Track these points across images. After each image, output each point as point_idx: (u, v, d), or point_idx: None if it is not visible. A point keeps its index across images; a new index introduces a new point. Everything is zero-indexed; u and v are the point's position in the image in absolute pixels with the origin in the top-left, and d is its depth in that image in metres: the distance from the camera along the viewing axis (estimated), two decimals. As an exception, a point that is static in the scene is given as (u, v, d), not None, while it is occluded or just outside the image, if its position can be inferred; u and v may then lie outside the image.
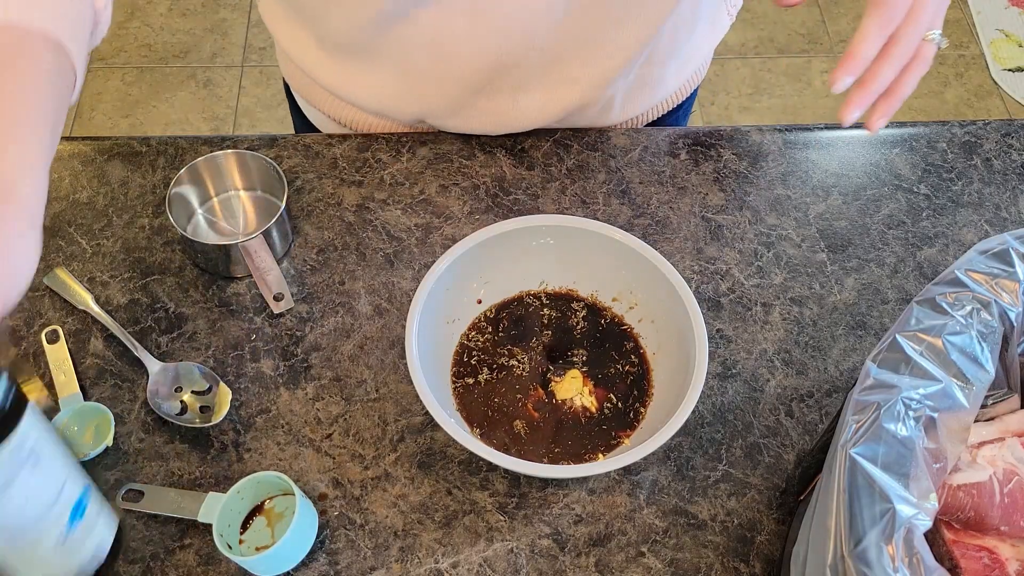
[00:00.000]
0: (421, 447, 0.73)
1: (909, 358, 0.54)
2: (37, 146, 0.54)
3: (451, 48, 0.80)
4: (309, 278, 0.82)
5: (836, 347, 0.79)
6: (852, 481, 0.50)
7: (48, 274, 0.80)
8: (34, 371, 0.75)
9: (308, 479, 0.71)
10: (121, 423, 0.73)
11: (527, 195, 0.87)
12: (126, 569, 0.67)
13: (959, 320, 0.56)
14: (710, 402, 0.76)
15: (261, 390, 0.75)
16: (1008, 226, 0.88)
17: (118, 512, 0.68)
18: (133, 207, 0.85)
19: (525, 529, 0.69)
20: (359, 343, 0.78)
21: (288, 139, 0.90)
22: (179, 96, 2.17)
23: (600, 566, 0.68)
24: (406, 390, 0.75)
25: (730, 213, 0.87)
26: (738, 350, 0.79)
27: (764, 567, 0.68)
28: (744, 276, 0.83)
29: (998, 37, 2.34)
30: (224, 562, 0.67)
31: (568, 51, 0.82)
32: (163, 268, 0.82)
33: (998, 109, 2.22)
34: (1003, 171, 0.92)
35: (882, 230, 0.87)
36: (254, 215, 0.86)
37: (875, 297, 0.82)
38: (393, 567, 0.68)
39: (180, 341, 0.78)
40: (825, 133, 0.94)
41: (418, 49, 0.81)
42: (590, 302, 0.78)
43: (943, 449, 0.55)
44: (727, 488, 0.72)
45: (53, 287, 0.79)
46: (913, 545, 0.48)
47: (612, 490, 0.71)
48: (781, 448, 0.74)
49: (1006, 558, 0.58)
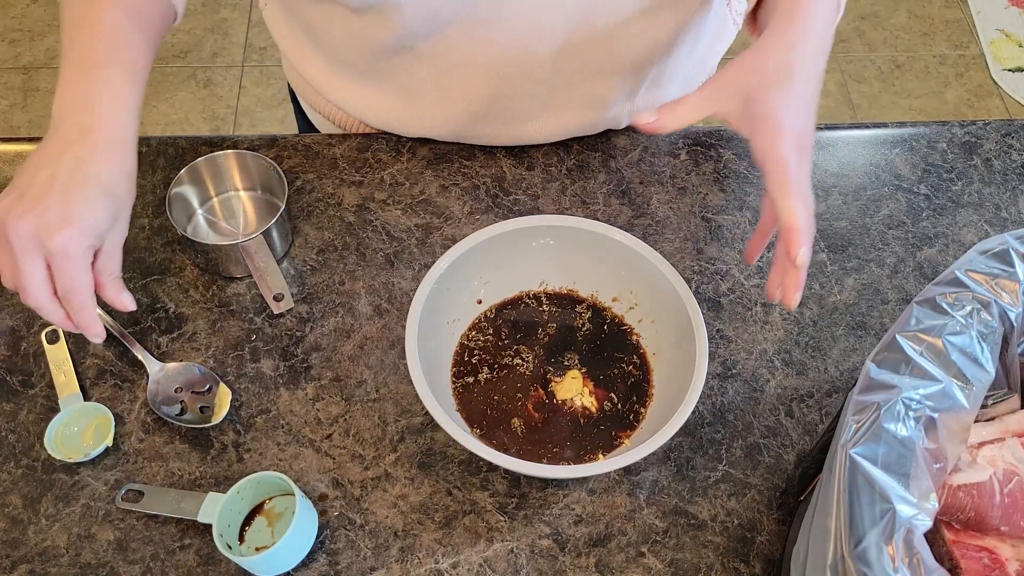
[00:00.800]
0: (421, 447, 0.73)
1: (909, 358, 0.54)
2: (124, 85, 0.65)
3: (453, 79, 0.81)
4: (309, 278, 0.82)
5: (836, 347, 0.79)
6: (852, 481, 0.50)
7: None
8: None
9: (308, 479, 0.71)
10: (121, 423, 0.73)
11: (527, 195, 0.87)
12: (126, 569, 0.67)
13: (959, 320, 0.56)
14: (710, 402, 0.76)
15: (261, 390, 0.75)
16: (1008, 226, 0.88)
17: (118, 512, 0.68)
18: (133, 207, 0.85)
19: (525, 529, 0.69)
20: (359, 343, 0.78)
21: (288, 139, 0.90)
22: (179, 96, 2.16)
23: (600, 566, 0.68)
24: (406, 390, 0.75)
25: (730, 213, 0.87)
26: (738, 350, 0.79)
27: (764, 567, 0.68)
28: (744, 276, 0.83)
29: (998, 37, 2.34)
30: (224, 562, 0.67)
31: (568, 79, 0.82)
32: (163, 268, 0.82)
33: (998, 109, 2.22)
34: (1003, 171, 0.92)
35: (882, 230, 0.87)
36: (254, 215, 0.86)
37: (875, 297, 0.82)
38: (393, 567, 0.67)
39: (180, 341, 0.78)
40: (825, 133, 0.94)
41: (421, 77, 0.82)
42: (590, 302, 0.78)
43: (943, 449, 0.55)
44: (727, 488, 0.72)
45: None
46: (913, 545, 0.48)
47: (612, 490, 0.71)
48: (781, 448, 0.74)
49: (1006, 558, 0.58)
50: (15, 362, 0.76)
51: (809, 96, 0.63)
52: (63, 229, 0.60)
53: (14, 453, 0.72)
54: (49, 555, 0.68)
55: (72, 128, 0.63)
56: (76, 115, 0.64)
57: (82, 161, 0.62)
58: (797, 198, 0.59)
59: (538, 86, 0.82)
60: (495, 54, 0.78)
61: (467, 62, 0.79)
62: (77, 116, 0.64)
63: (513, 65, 0.79)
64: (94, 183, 0.62)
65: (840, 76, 2.26)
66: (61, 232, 0.60)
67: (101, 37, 0.66)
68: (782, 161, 0.60)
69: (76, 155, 0.62)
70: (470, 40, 0.77)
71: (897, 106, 2.22)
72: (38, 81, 2.17)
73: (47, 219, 0.60)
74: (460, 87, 0.82)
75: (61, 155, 0.62)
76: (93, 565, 0.67)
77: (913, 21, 2.36)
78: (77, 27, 0.66)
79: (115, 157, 0.64)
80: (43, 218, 0.60)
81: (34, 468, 0.71)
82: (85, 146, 0.63)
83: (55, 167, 0.62)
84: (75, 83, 0.64)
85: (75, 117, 0.64)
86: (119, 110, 0.65)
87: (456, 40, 0.77)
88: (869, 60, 2.30)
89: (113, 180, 0.63)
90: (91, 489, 0.70)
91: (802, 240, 0.59)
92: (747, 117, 0.62)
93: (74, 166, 0.62)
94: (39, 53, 2.22)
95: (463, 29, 0.75)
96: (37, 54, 2.21)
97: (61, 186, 0.61)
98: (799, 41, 0.64)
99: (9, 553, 0.68)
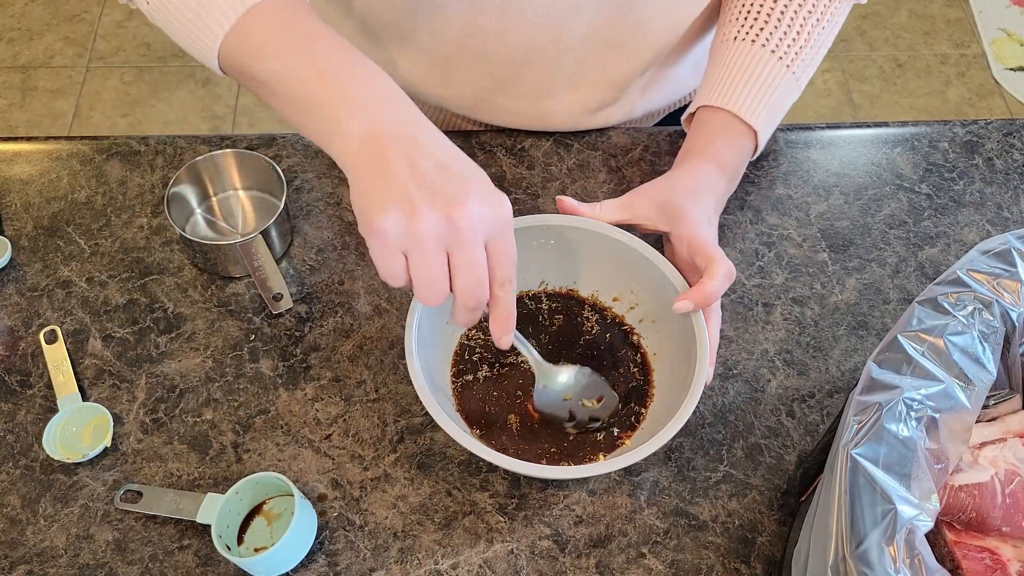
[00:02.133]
0: (421, 448, 0.73)
1: (911, 358, 0.54)
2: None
3: (479, 42, 0.81)
4: (308, 278, 0.81)
5: (837, 347, 0.79)
6: (853, 482, 0.50)
7: (47, 275, 0.80)
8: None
9: (307, 480, 0.71)
10: (120, 424, 0.73)
11: (527, 195, 0.87)
12: (125, 570, 0.67)
13: (961, 320, 0.56)
14: (711, 403, 0.76)
15: (260, 390, 0.75)
16: (1010, 226, 0.88)
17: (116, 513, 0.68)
18: (131, 207, 0.85)
19: (525, 530, 0.69)
20: (358, 343, 0.78)
21: (287, 138, 0.90)
22: (178, 95, 2.16)
23: (600, 567, 0.68)
24: (406, 391, 0.75)
25: (731, 213, 0.87)
26: (739, 350, 0.79)
27: (765, 568, 0.68)
28: (745, 276, 0.83)
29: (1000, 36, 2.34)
30: (223, 563, 0.67)
31: (594, 52, 0.82)
32: (162, 268, 0.81)
33: (1000, 108, 2.21)
34: (1005, 171, 0.91)
35: (884, 230, 0.87)
36: (253, 215, 0.85)
37: (876, 297, 0.82)
38: (393, 568, 0.67)
39: (179, 341, 0.77)
40: (827, 132, 0.94)
41: (447, 39, 0.82)
42: (591, 302, 0.78)
43: (945, 450, 0.54)
44: (728, 489, 0.72)
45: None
46: (914, 546, 0.48)
47: (613, 491, 0.71)
48: (782, 449, 0.74)
49: (1008, 559, 0.58)
50: (13, 362, 0.76)
51: (713, 208, 0.74)
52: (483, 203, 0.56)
53: (12, 453, 0.72)
54: (48, 556, 0.67)
55: (394, 123, 0.58)
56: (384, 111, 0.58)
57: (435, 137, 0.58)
58: (723, 262, 0.68)
59: (564, 56, 0.82)
60: (525, 22, 0.77)
61: (496, 28, 0.78)
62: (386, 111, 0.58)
63: (544, 31, 0.79)
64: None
65: (841, 75, 2.26)
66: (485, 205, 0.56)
67: (329, 45, 0.61)
68: (701, 235, 0.70)
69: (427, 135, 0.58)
70: (502, 3, 0.76)
71: (898, 105, 2.21)
72: (36, 80, 2.16)
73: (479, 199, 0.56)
74: (485, 54, 0.81)
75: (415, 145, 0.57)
76: (92, 566, 0.67)
77: (914, 20, 2.36)
78: (299, 48, 0.60)
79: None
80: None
81: (32, 468, 0.71)
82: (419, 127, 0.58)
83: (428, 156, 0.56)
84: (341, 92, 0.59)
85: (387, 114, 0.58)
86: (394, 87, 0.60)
87: (489, 1, 0.76)
88: (870, 59, 2.29)
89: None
90: (90, 490, 0.70)
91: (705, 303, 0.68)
92: (664, 220, 0.72)
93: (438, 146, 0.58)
94: (38, 52, 2.21)
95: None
96: (36, 53, 2.21)
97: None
98: (707, 173, 0.75)
99: (8, 554, 0.67)
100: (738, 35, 0.79)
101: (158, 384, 0.75)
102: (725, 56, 0.79)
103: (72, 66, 2.20)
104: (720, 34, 0.81)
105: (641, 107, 0.93)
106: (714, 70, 0.79)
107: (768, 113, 0.78)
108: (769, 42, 0.78)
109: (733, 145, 0.78)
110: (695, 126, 0.80)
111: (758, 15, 0.78)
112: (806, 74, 0.80)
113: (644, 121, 0.97)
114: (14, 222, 0.84)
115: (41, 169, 0.87)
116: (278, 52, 0.59)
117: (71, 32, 2.26)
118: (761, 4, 0.78)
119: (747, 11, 0.79)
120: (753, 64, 0.77)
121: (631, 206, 0.73)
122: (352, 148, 0.57)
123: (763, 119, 0.78)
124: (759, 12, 0.78)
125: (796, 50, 0.78)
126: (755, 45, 0.78)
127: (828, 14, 0.79)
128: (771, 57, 0.77)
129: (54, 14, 2.29)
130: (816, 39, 0.79)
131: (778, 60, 0.78)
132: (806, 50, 0.79)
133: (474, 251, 0.56)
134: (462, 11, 0.78)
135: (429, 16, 0.79)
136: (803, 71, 0.79)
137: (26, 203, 0.85)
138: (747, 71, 0.77)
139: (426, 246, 0.55)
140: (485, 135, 0.91)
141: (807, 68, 0.80)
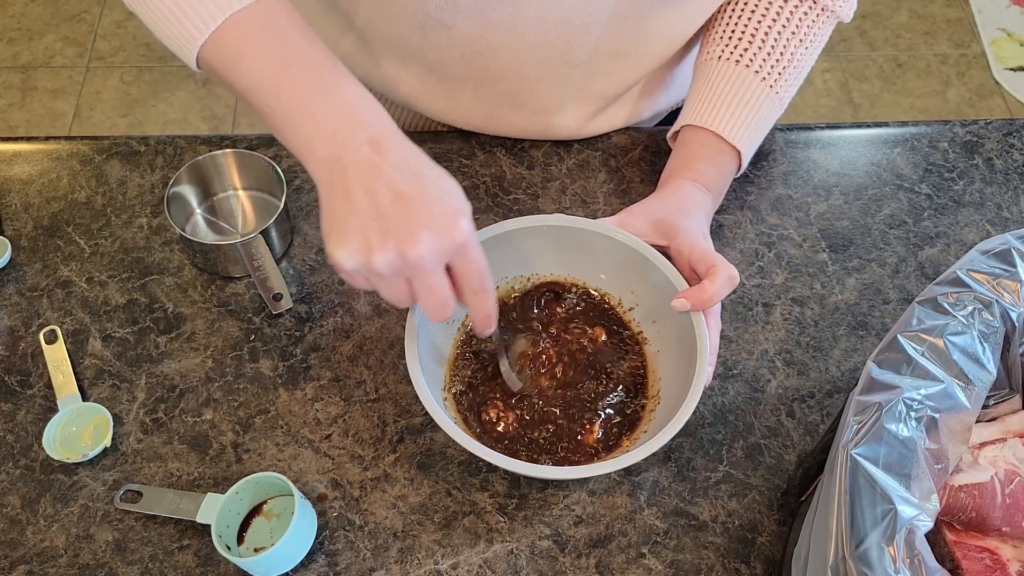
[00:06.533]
0: (420, 448, 0.73)
1: (911, 358, 0.54)
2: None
3: (488, 60, 0.80)
4: (308, 278, 0.81)
5: (837, 347, 0.79)
6: (853, 482, 0.50)
7: (48, 276, 0.80)
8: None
9: (307, 480, 0.71)
10: (120, 424, 0.73)
11: (527, 195, 0.87)
12: (125, 570, 0.67)
13: (961, 320, 0.56)
14: (711, 403, 0.76)
15: (260, 390, 0.75)
16: (1010, 226, 0.88)
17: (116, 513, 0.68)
18: (131, 207, 0.85)
19: (525, 530, 0.69)
20: (358, 343, 0.78)
21: (287, 138, 0.90)
22: (178, 95, 2.16)
23: (600, 567, 0.68)
24: (405, 391, 0.75)
25: (731, 213, 0.87)
26: (739, 350, 0.79)
27: (765, 568, 0.68)
28: (745, 276, 0.83)
29: (1000, 36, 2.34)
30: (223, 563, 0.67)
31: (602, 64, 0.82)
32: (161, 268, 0.81)
33: (1000, 108, 2.21)
34: (1005, 171, 0.91)
35: (883, 230, 0.87)
36: (253, 215, 0.85)
37: (876, 297, 0.82)
38: (393, 568, 0.67)
39: (179, 341, 0.77)
40: (826, 132, 0.94)
41: (455, 57, 0.81)
42: (590, 302, 0.78)
43: (944, 450, 0.54)
44: (728, 489, 0.72)
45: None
46: (914, 546, 0.48)
47: (613, 491, 0.71)
48: (782, 449, 0.74)
49: (1008, 559, 0.58)
50: (13, 362, 0.76)
51: (705, 224, 0.76)
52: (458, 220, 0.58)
53: (12, 453, 0.72)
54: (47, 556, 0.67)
55: (362, 145, 0.58)
56: (355, 131, 0.59)
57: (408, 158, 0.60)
58: (726, 267, 0.68)
59: (574, 71, 0.82)
60: (535, 39, 0.77)
61: (505, 46, 0.78)
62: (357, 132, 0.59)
63: (554, 47, 0.78)
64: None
65: (841, 75, 2.26)
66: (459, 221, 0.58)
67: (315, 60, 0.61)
68: (701, 245, 0.71)
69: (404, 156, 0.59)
70: (511, 22, 0.76)
71: (898, 105, 2.21)
72: (36, 80, 2.16)
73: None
74: (493, 72, 0.81)
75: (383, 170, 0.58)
76: (92, 566, 0.67)
77: (914, 20, 2.36)
78: (273, 63, 0.60)
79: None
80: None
81: (32, 468, 0.71)
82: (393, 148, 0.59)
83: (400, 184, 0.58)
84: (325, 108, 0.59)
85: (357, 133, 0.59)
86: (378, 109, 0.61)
87: (499, 17, 0.75)
88: (870, 59, 2.29)
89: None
90: (89, 490, 0.70)
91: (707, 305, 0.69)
92: (660, 235, 0.73)
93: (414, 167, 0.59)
94: (38, 52, 2.21)
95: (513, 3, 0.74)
96: (36, 53, 2.21)
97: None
98: (692, 192, 0.76)
99: (7, 554, 0.67)
100: (722, 54, 0.80)
101: (158, 384, 0.75)
102: (709, 75, 0.80)
103: (72, 66, 2.20)
104: (704, 52, 0.82)
105: (647, 109, 0.93)
106: (698, 88, 0.81)
107: (751, 133, 0.80)
108: (753, 63, 0.79)
109: (717, 165, 0.79)
110: (679, 145, 0.81)
111: (742, 35, 0.80)
112: (788, 94, 0.82)
113: (649, 121, 0.97)
114: (14, 222, 0.84)
115: (41, 169, 0.87)
116: (252, 66, 0.60)
117: (71, 32, 2.26)
118: (746, 24, 0.80)
119: (731, 30, 0.80)
120: (737, 85, 0.79)
121: (625, 224, 0.74)
122: (319, 171, 0.59)
123: (747, 139, 0.79)
124: (743, 32, 0.80)
125: (779, 71, 0.80)
126: (739, 65, 0.79)
127: (812, 35, 0.81)
128: (755, 78, 0.79)
129: (54, 14, 2.29)
130: (799, 60, 0.81)
131: (761, 80, 0.79)
132: (789, 70, 0.80)
133: (430, 278, 0.58)
134: (471, 29, 0.77)
135: (436, 34, 0.78)
136: (786, 91, 0.81)
137: (26, 203, 0.85)
138: (731, 92, 0.79)
139: (385, 279, 0.58)
140: (485, 135, 0.90)
141: (790, 88, 0.81)
